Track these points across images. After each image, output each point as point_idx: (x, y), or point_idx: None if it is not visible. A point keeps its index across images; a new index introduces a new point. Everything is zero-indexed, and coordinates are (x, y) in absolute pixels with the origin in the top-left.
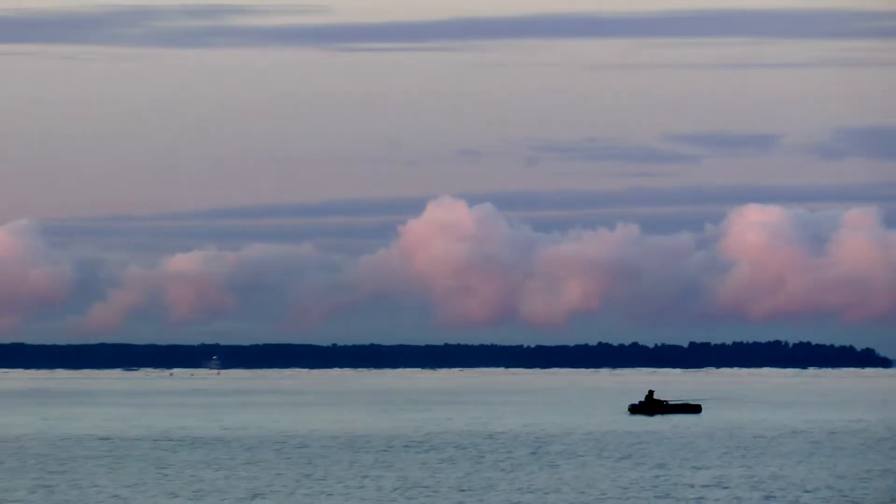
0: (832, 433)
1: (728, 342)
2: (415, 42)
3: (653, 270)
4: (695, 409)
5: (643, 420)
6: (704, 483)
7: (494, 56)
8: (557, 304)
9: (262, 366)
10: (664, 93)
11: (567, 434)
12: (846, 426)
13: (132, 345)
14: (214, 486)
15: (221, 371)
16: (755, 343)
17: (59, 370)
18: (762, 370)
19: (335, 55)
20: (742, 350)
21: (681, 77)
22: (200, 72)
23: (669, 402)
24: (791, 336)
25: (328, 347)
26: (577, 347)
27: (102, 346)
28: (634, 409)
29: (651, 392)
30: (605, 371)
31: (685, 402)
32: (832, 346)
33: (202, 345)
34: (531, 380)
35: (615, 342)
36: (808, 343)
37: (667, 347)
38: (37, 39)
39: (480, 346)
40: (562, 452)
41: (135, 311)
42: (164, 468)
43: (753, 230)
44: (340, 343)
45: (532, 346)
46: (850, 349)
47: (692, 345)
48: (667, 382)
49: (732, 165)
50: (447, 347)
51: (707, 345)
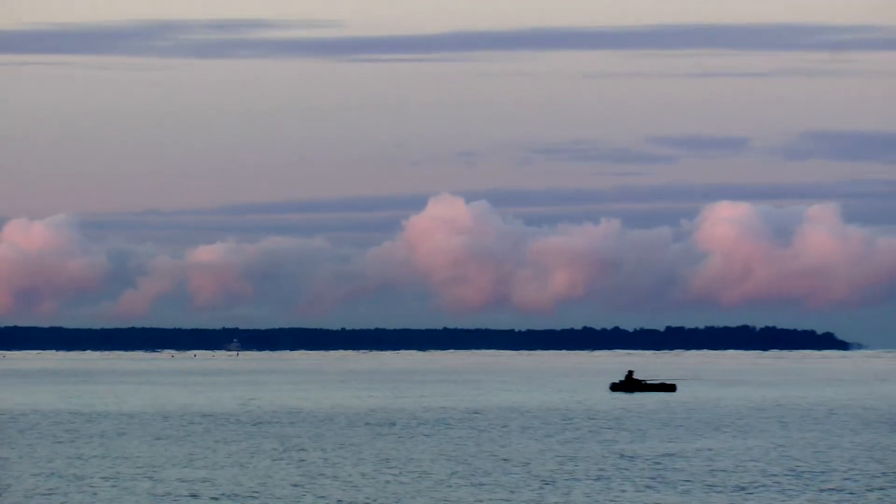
0: (780, 406)
1: (701, 326)
2: (418, 54)
3: (633, 261)
4: (670, 388)
5: (623, 397)
6: (677, 452)
7: (490, 66)
8: (546, 292)
9: (278, 348)
10: (644, 99)
11: (555, 409)
12: (797, 402)
13: (159, 328)
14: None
15: (241, 353)
16: (725, 327)
17: (92, 352)
18: (731, 352)
19: (346, 66)
20: (713, 334)
21: (659, 85)
22: (223, 81)
23: (647, 382)
24: (758, 321)
25: (338, 331)
26: (564, 331)
27: (132, 330)
28: (615, 388)
29: (630, 372)
30: (589, 353)
31: (662, 382)
32: (795, 331)
33: (223, 329)
34: (521, 361)
35: (598, 327)
36: (774, 327)
37: (645, 331)
38: (72, 50)
39: (476, 330)
40: (550, 425)
41: (162, 298)
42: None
43: (725, 224)
44: (349, 327)
45: (523, 330)
46: (812, 333)
47: (668, 329)
48: (645, 363)
49: (706, 165)
50: (446, 331)
51: (682, 329)
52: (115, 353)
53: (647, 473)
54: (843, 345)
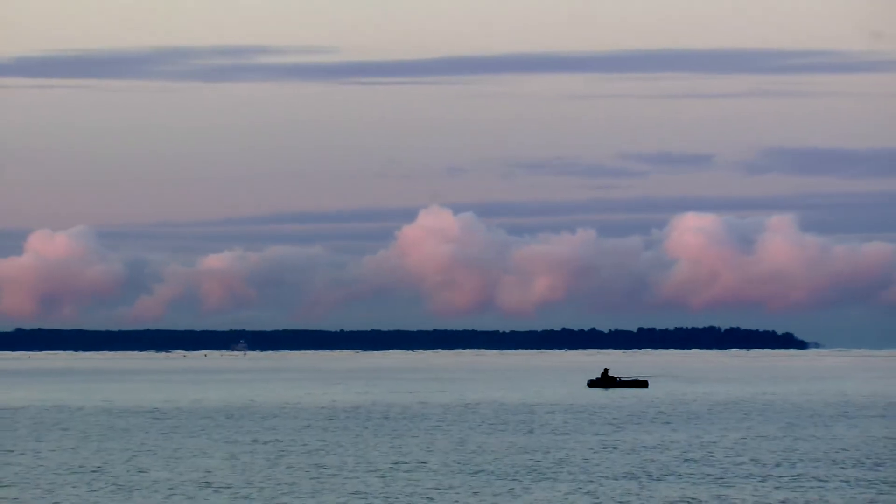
0: (744, 400)
1: (671, 328)
2: (409, 77)
3: (608, 268)
4: (643, 385)
5: (599, 393)
6: (650, 442)
7: (475, 88)
8: (527, 296)
9: (281, 348)
10: (617, 119)
11: (536, 405)
12: (758, 397)
13: (172, 330)
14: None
15: (248, 352)
16: (693, 328)
17: (110, 352)
18: (699, 351)
19: (342, 88)
20: (682, 334)
21: (631, 106)
22: (228, 102)
23: (622, 379)
24: (723, 322)
25: (336, 332)
26: (544, 332)
27: (147, 332)
28: (592, 384)
29: (606, 370)
30: (568, 352)
31: (635, 379)
32: (757, 331)
33: (231, 330)
34: (506, 360)
35: (576, 328)
36: (738, 328)
37: (619, 332)
38: (93, 75)
39: (463, 332)
40: (534, 419)
41: (174, 302)
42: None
43: (692, 234)
44: (346, 329)
45: (506, 332)
46: (773, 333)
47: (641, 330)
48: (619, 362)
49: (674, 180)
50: (435, 332)
51: (653, 330)
52: (132, 353)
53: (623, 462)
54: (802, 344)
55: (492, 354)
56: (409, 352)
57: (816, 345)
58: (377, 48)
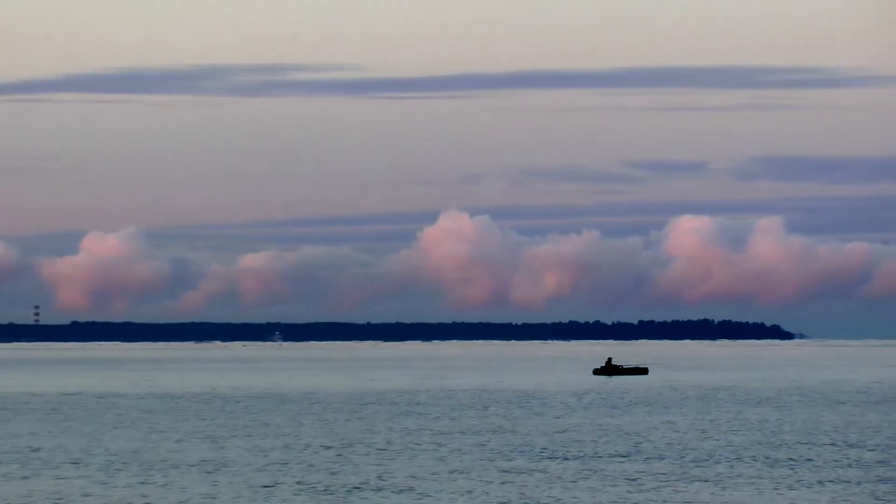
0: (735, 386)
1: (668, 320)
2: (429, 92)
3: (610, 265)
4: (643, 372)
5: (604, 380)
6: (650, 424)
7: (490, 102)
8: (538, 292)
9: (314, 339)
10: (619, 130)
11: (547, 390)
12: (748, 383)
13: (213, 323)
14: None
15: (283, 343)
16: (689, 321)
17: (157, 343)
18: (694, 342)
19: (368, 102)
20: (679, 326)
21: (633, 118)
22: (265, 115)
23: (624, 367)
24: (716, 315)
25: (363, 324)
26: (553, 324)
27: (191, 325)
28: (597, 372)
29: (610, 359)
30: (575, 343)
31: (636, 367)
32: (747, 323)
33: (267, 323)
34: (518, 350)
35: (582, 320)
36: (730, 321)
37: (621, 324)
38: (140, 90)
39: (479, 324)
40: (544, 403)
41: (216, 298)
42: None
43: (688, 234)
44: (372, 321)
45: (518, 324)
46: (762, 325)
47: (641, 322)
48: (622, 351)
49: (671, 185)
50: (454, 325)
51: (652, 322)
52: (177, 344)
53: (626, 442)
54: (788, 335)
55: (505, 345)
56: (430, 342)
57: (801, 336)
58: (400, 66)
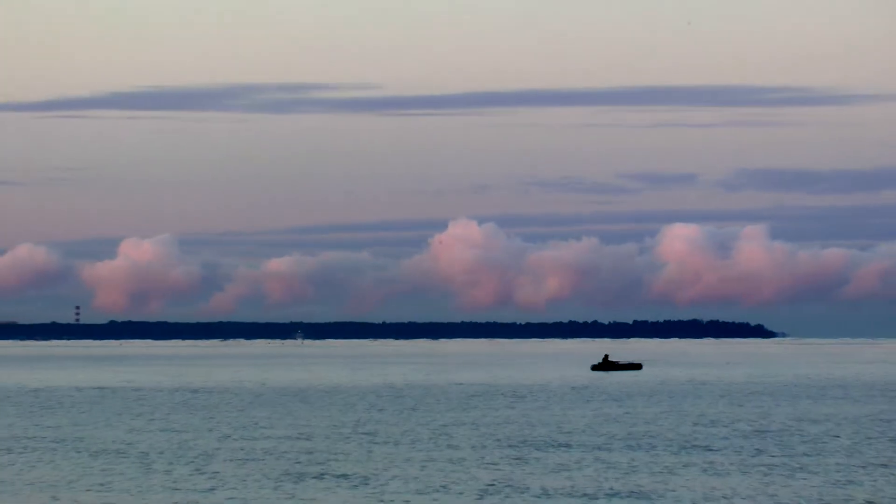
0: (721, 380)
1: (661, 320)
2: (441, 109)
3: (608, 269)
4: (637, 367)
5: (601, 375)
6: (644, 415)
7: (496, 119)
8: (540, 293)
9: (333, 337)
10: (616, 144)
11: (549, 384)
12: (733, 378)
13: (241, 322)
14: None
15: (304, 341)
16: (679, 321)
17: (190, 340)
18: (684, 340)
19: (385, 118)
20: (670, 326)
21: (628, 133)
22: (290, 130)
23: (620, 363)
24: (705, 316)
25: (379, 324)
26: (554, 324)
27: (220, 324)
28: (595, 368)
29: (607, 356)
30: (574, 341)
31: (631, 363)
32: (734, 323)
33: (290, 322)
34: (521, 348)
35: (581, 320)
36: (717, 321)
37: (617, 324)
38: (176, 107)
39: (486, 323)
40: (547, 395)
41: (243, 299)
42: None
43: (679, 241)
44: (387, 321)
45: (522, 323)
46: (747, 325)
47: (635, 322)
48: (618, 349)
49: (663, 196)
50: (462, 324)
51: (646, 322)
52: (205, 342)
53: (623, 431)
54: (771, 334)
55: (510, 343)
56: (441, 340)
57: (783, 335)
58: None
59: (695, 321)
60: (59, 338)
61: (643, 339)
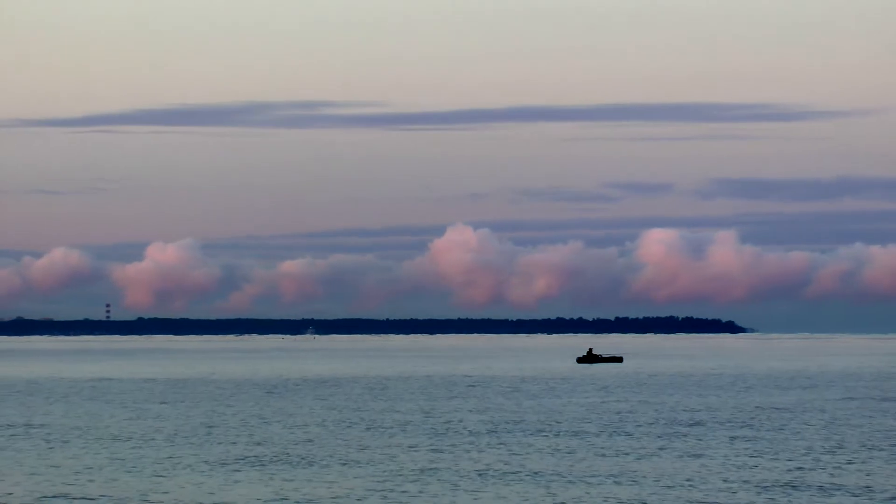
0: (695, 372)
1: (640, 317)
2: (440, 125)
3: (592, 270)
4: (619, 360)
5: (586, 366)
6: (626, 403)
7: (490, 133)
8: (530, 293)
9: (341, 332)
10: (600, 157)
11: (539, 374)
12: (708, 369)
13: (257, 319)
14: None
15: (316, 336)
16: (657, 317)
17: (210, 335)
18: (661, 335)
19: (389, 133)
20: (649, 322)
21: (610, 147)
22: (302, 144)
23: (602, 356)
24: (681, 313)
25: (383, 320)
26: (543, 320)
27: (238, 320)
28: (580, 360)
29: (591, 349)
30: (561, 336)
31: (613, 356)
32: (707, 320)
33: (303, 319)
34: (513, 342)
35: (567, 317)
36: (692, 317)
37: (601, 320)
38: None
39: (481, 320)
40: (537, 385)
41: (259, 298)
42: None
43: (657, 245)
44: (391, 318)
45: (514, 320)
46: (719, 321)
47: (617, 318)
48: (601, 343)
49: (643, 203)
50: (459, 321)
51: (627, 318)
52: (226, 337)
53: (607, 418)
54: (741, 330)
55: (503, 338)
56: (440, 335)
57: (752, 330)
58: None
59: (671, 318)
60: (91, 333)
61: (624, 335)
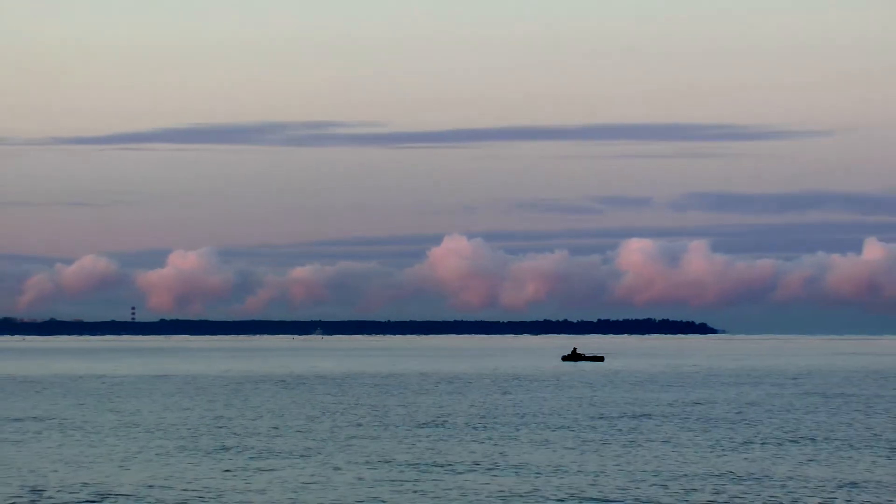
0: (672, 370)
1: (621, 319)
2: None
3: (576, 277)
4: (600, 359)
5: (570, 365)
6: (607, 399)
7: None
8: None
9: (347, 333)
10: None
11: (526, 372)
12: (682, 368)
13: (270, 321)
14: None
15: (324, 336)
16: (637, 319)
17: (232, 335)
18: (640, 336)
19: (391, 151)
20: (629, 324)
21: (594, 163)
22: (312, 160)
23: (586, 355)
24: (658, 315)
25: (385, 322)
26: (532, 322)
27: (252, 322)
28: (565, 359)
29: (575, 349)
30: (548, 336)
31: (595, 355)
32: (682, 321)
33: (311, 321)
34: (505, 342)
35: (554, 319)
36: (668, 319)
37: (585, 322)
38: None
39: (475, 321)
40: (525, 381)
41: (272, 301)
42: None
43: (635, 253)
44: (392, 320)
45: (506, 321)
46: (693, 323)
47: (600, 320)
48: (584, 343)
49: (623, 215)
50: (456, 322)
51: (608, 320)
52: (242, 337)
53: (589, 412)
54: (713, 331)
55: (495, 339)
56: (438, 335)
57: (724, 331)
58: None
59: (649, 320)
60: (117, 334)
61: (606, 335)
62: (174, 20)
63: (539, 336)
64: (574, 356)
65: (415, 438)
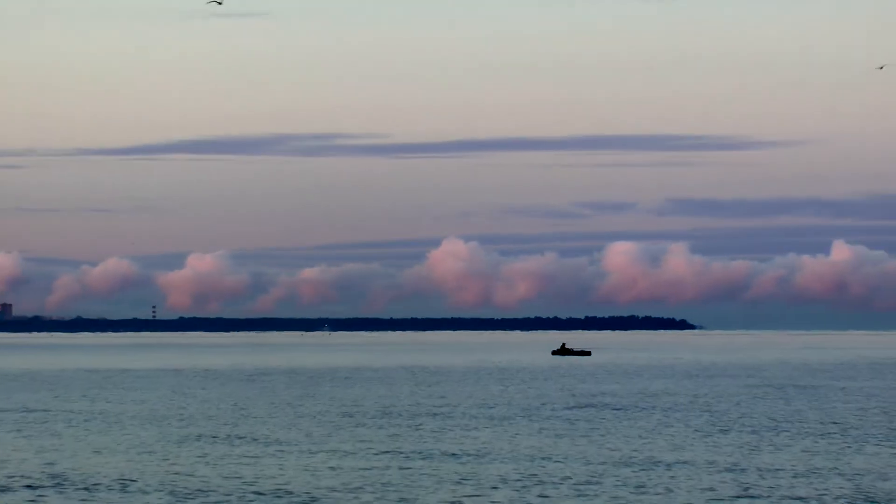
0: (656, 363)
1: (606, 316)
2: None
3: (565, 277)
4: (588, 354)
5: (560, 358)
6: (594, 391)
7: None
8: (513, 296)
9: (352, 330)
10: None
11: (519, 365)
12: (666, 361)
13: (280, 318)
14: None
15: (331, 333)
16: (621, 316)
17: (245, 332)
18: (624, 332)
19: (393, 160)
20: (614, 321)
21: (581, 172)
22: (319, 170)
23: (574, 350)
24: (640, 313)
25: (387, 319)
26: (524, 319)
27: (264, 319)
28: (554, 353)
29: (564, 344)
30: (538, 332)
31: (583, 350)
32: (663, 318)
33: (319, 318)
34: (499, 338)
35: (544, 316)
36: (650, 316)
37: (573, 319)
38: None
39: (471, 319)
40: (517, 374)
41: (282, 300)
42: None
43: (619, 255)
44: (394, 318)
45: (499, 319)
46: (673, 320)
47: (587, 317)
48: (573, 339)
49: (608, 219)
50: (453, 319)
51: (594, 317)
52: (254, 333)
53: (578, 402)
54: (692, 327)
55: (490, 335)
56: (437, 332)
57: (702, 327)
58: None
59: (632, 317)
60: (139, 331)
61: (592, 332)
62: (193, 41)
63: (530, 332)
64: (563, 351)
65: (417, 428)
